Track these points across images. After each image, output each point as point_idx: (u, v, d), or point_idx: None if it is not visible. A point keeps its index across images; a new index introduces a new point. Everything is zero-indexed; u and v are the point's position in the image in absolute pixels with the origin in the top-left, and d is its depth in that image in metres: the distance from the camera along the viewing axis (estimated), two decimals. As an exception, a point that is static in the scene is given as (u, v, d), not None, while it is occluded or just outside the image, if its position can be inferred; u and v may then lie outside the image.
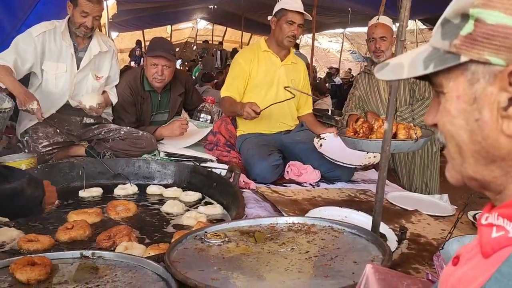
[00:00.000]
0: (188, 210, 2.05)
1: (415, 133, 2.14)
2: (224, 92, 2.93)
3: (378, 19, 2.97)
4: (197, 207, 2.10)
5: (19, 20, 4.18)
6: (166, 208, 2.06)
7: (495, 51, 0.55)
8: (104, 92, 2.98)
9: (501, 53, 0.55)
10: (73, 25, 2.74)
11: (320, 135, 2.78)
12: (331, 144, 2.70)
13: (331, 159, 2.54)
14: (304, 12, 2.84)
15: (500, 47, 0.55)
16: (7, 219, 1.74)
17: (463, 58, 0.58)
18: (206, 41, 16.19)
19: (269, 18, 2.98)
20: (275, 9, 2.89)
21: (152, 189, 2.32)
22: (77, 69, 2.81)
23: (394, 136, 2.14)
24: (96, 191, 2.25)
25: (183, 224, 1.91)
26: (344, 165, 2.55)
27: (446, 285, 0.63)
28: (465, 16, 0.58)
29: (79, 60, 2.82)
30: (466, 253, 0.64)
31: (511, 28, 0.55)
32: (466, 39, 0.58)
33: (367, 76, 3.15)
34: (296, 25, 2.83)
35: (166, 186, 2.38)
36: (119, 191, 2.28)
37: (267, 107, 2.67)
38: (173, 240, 1.56)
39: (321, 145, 2.71)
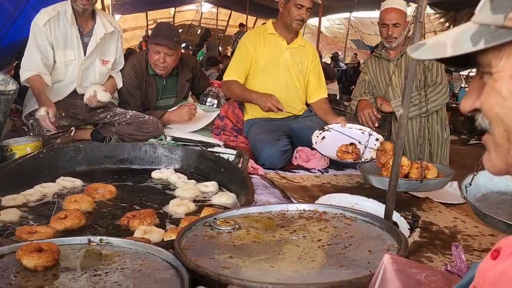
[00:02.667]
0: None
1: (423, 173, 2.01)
2: (229, 75, 2.88)
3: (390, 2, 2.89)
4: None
5: (22, 1, 4.11)
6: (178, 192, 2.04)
7: None
8: (109, 78, 2.93)
9: None
10: (72, 1, 2.67)
11: (324, 127, 2.73)
12: (334, 138, 2.65)
13: (327, 156, 2.49)
14: None
15: None
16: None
17: None
18: (207, 30, 15.71)
19: None
20: None
21: (157, 175, 2.28)
22: (84, 55, 2.76)
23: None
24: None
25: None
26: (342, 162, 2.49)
27: (483, 280, 0.59)
28: None
29: (85, 46, 2.77)
30: (508, 247, 0.59)
31: None
32: None
33: (377, 60, 3.09)
34: (304, 9, 2.78)
35: (176, 171, 2.33)
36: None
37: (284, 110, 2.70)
38: (181, 226, 1.53)
39: (323, 137, 2.65)
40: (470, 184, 1.65)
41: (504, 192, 1.73)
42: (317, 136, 2.64)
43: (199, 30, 18.07)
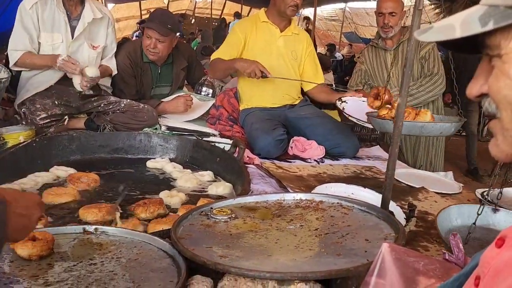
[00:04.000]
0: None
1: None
2: (215, 55, 2.85)
3: None
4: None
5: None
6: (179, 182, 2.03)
7: None
8: (101, 65, 2.90)
9: None
10: None
11: (341, 98, 2.72)
12: (354, 105, 2.64)
13: (357, 119, 2.47)
14: None
15: None
16: None
17: None
18: (223, 20, 15.32)
19: None
20: None
21: (151, 164, 2.26)
22: (72, 38, 2.72)
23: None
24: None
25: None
26: (368, 125, 2.47)
27: (488, 268, 0.58)
28: None
29: (73, 29, 2.74)
30: None
31: None
32: None
33: (374, 49, 3.07)
34: None
35: (171, 160, 2.32)
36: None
37: (280, 78, 2.71)
38: (179, 215, 1.52)
39: (343, 108, 2.65)
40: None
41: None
42: (340, 105, 2.65)
43: (193, 20, 17.92)
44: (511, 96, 0.57)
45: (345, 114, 2.53)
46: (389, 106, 2.22)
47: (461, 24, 0.59)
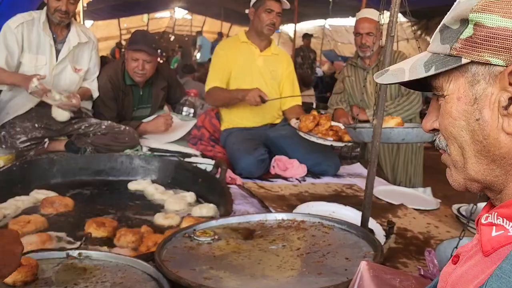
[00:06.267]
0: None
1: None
2: (210, 83, 2.88)
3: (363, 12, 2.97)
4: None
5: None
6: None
7: (495, 52, 0.59)
8: (81, 88, 2.91)
9: (501, 54, 0.59)
10: (49, 11, 2.66)
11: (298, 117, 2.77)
12: None
13: (310, 136, 2.48)
14: (282, 0, 2.83)
15: (499, 48, 0.58)
16: None
17: (464, 60, 0.61)
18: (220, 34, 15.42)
19: (247, 11, 2.97)
20: (253, 0, 2.88)
21: (133, 186, 2.27)
22: (56, 61, 2.73)
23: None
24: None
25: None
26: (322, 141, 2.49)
27: (446, 283, 0.65)
28: (464, 21, 0.61)
29: (57, 52, 2.75)
30: (466, 252, 0.66)
31: (509, 30, 0.58)
32: (467, 42, 0.61)
33: (353, 68, 3.15)
34: (274, 13, 2.83)
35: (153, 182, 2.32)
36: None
37: (274, 99, 2.78)
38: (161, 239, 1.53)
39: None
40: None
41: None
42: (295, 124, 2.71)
43: (172, 37, 18.00)
44: (454, 132, 0.64)
45: (300, 133, 2.56)
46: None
47: (410, 69, 0.68)
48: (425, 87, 0.71)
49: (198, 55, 12.86)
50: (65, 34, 2.76)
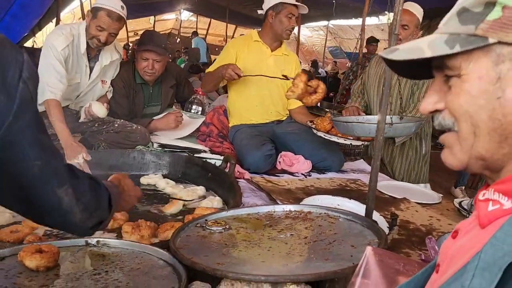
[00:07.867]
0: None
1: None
2: (207, 71, 3.02)
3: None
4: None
5: (1, 10, 4.09)
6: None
7: None
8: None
9: None
10: (87, 35, 2.68)
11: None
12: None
13: (324, 134, 2.60)
14: (300, 4, 2.90)
15: None
16: None
17: (491, 40, 0.63)
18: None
19: (260, 11, 3.01)
20: (272, 2, 2.90)
21: (145, 180, 2.34)
22: (88, 79, 2.82)
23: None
24: None
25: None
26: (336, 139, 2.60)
27: (446, 256, 0.70)
28: (489, 4, 0.63)
29: (91, 70, 2.83)
30: (464, 227, 0.71)
31: None
32: (495, 23, 0.62)
33: (379, 62, 3.05)
34: (294, 18, 2.91)
35: (164, 176, 2.40)
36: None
37: (253, 75, 2.83)
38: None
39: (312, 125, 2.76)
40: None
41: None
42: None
43: (178, 39, 18.11)
44: (471, 111, 0.66)
45: (319, 134, 2.63)
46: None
47: (429, 46, 0.68)
48: (414, 74, 0.74)
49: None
50: (97, 51, 2.83)
